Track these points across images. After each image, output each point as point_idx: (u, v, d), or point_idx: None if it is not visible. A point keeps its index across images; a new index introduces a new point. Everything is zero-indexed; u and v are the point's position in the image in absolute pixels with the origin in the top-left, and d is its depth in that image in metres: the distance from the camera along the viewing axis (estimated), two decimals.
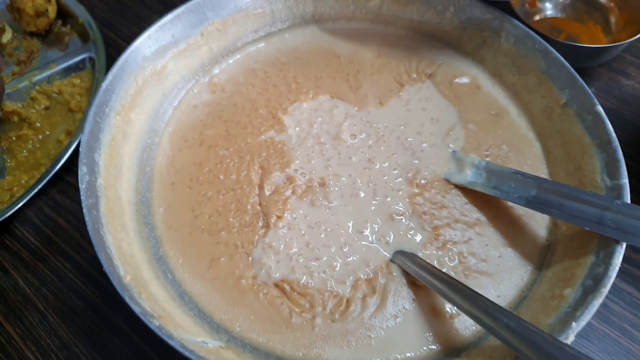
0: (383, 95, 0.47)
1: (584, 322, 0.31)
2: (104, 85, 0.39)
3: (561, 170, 0.41)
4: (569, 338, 0.30)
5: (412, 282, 0.37)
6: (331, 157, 0.43)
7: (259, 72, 0.49)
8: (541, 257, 0.38)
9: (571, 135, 0.40)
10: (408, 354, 0.34)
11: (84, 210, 0.33)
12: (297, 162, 0.43)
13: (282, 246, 0.39)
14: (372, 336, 0.36)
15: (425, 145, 0.44)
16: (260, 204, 0.41)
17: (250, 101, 0.47)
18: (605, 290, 0.31)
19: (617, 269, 0.32)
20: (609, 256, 0.32)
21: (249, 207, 0.41)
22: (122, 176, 0.39)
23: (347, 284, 0.37)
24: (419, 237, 0.39)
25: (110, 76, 0.40)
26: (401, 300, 0.36)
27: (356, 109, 0.47)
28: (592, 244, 0.34)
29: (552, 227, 0.40)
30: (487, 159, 0.42)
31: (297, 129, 0.45)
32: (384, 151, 0.44)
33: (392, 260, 0.38)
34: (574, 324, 0.30)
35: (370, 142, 0.44)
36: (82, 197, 0.34)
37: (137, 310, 0.30)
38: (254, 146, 0.44)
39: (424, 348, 0.35)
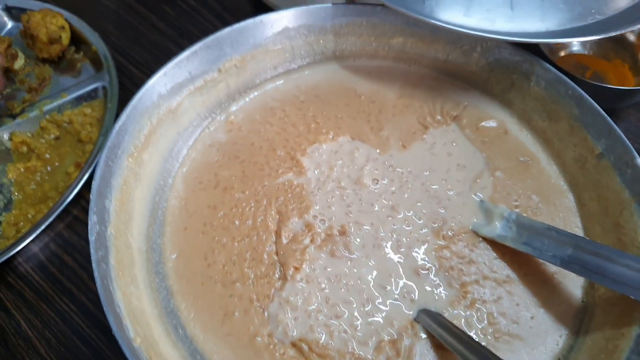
0: (406, 138, 0.45)
1: None
2: (116, 126, 0.37)
3: (597, 226, 0.39)
4: None
5: (439, 345, 0.35)
6: (352, 203, 0.41)
7: (277, 110, 0.48)
8: (578, 320, 0.36)
9: (608, 189, 0.38)
10: None
11: (94, 265, 0.31)
12: (317, 207, 0.41)
13: (300, 301, 0.36)
14: None
15: (451, 193, 0.42)
16: (277, 253, 0.39)
17: (268, 141, 0.45)
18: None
19: None
20: None
21: (265, 257, 0.39)
22: (132, 222, 0.38)
23: (370, 345, 0.35)
24: (445, 295, 0.37)
25: (123, 117, 0.38)
26: None
27: (378, 151, 0.45)
28: (636, 312, 0.32)
29: (589, 287, 0.37)
30: (517, 210, 0.40)
31: (317, 171, 0.43)
32: (408, 198, 0.41)
33: (416, 320, 0.35)
34: None
35: (394, 187, 0.42)
36: (92, 251, 0.32)
37: None
38: (271, 189, 0.42)
39: None
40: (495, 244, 0.39)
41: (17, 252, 0.44)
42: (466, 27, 0.40)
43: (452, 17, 0.42)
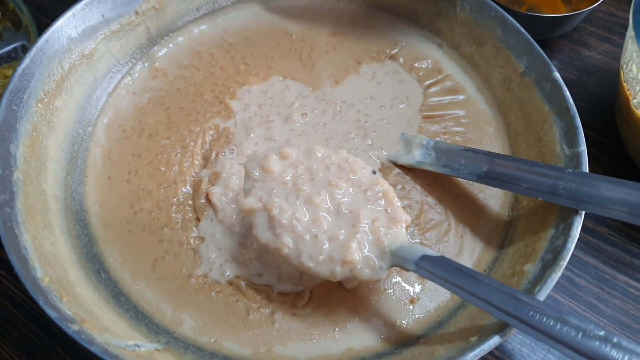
0: (339, 74, 0.44)
1: (542, 298, 0.29)
2: (19, 69, 0.35)
3: (522, 143, 0.39)
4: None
5: None
6: (280, 140, 0.41)
7: (204, 54, 0.46)
8: (503, 234, 0.36)
9: (531, 105, 0.38)
10: (366, 345, 0.32)
11: None
12: (244, 148, 0.40)
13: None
14: (337, 329, 0.33)
15: (380, 124, 0.42)
16: (205, 197, 0.38)
17: (195, 86, 0.44)
18: (564, 263, 0.29)
19: (575, 240, 0.30)
20: (568, 227, 0.31)
21: (191, 201, 0.38)
22: (46, 170, 0.36)
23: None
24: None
25: (27, 59, 0.36)
26: None
27: (310, 89, 0.44)
28: (552, 216, 0.32)
29: (514, 202, 0.38)
30: (445, 137, 0.41)
31: (245, 113, 0.42)
32: (337, 131, 0.41)
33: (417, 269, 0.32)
34: None
35: (325, 120, 0.42)
36: None
37: (52, 315, 0.26)
38: (198, 134, 0.41)
39: (382, 337, 0.32)
40: (423, 174, 0.39)
41: None
42: None
43: None
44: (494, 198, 0.38)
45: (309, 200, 0.32)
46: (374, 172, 0.33)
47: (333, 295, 0.35)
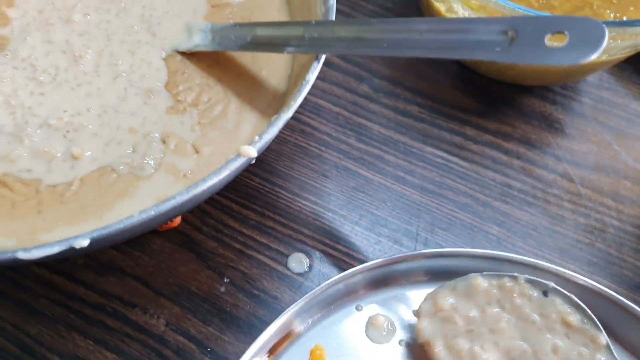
0: None
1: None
2: None
3: (299, 16, 0.40)
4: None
5: None
6: (60, 41, 0.39)
7: None
8: (279, 104, 0.37)
9: None
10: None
11: None
12: (21, 53, 0.38)
13: None
14: (105, 213, 0.33)
15: (166, 16, 0.41)
16: None
17: None
18: (294, 103, 0.30)
19: (310, 83, 0.31)
20: (306, 71, 0.31)
21: None
22: None
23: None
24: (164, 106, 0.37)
25: None
26: None
27: None
28: (304, 72, 0.33)
29: (291, 74, 0.38)
30: (231, 21, 0.40)
31: (23, 20, 0.40)
32: (122, 26, 0.40)
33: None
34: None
35: (109, 17, 0.40)
36: None
37: None
38: None
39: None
40: (202, 57, 0.39)
41: None
42: None
43: None
44: (274, 75, 0.39)
45: None
46: None
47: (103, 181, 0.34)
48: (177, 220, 0.41)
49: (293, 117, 0.32)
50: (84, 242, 0.23)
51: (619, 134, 0.46)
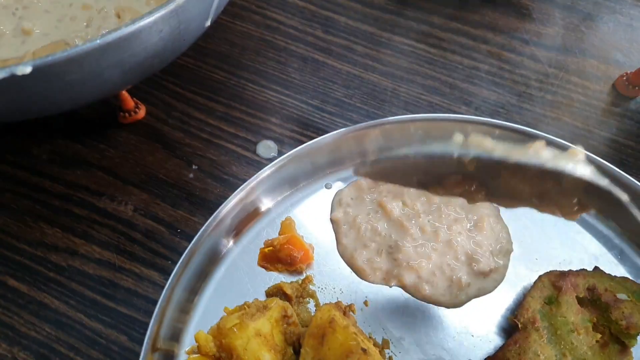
0: None
1: None
2: None
3: None
4: None
5: None
6: None
7: None
8: None
9: None
10: None
11: None
12: None
13: None
14: None
15: None
16: None
17: None
18: None
19: None
20: None
21: None
22: None
23: None
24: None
25: None
26: None
27: None
28: None
29: None
30: None
31: None
32: None
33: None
34: None
35: None
36: None
37: None
38: None
39: None
40: None
41: None
42: None
43: None
44: None
45: None
46: None
47: None
48: (142, 112, 0.40)
49: (258, 13, 0.31)
50: (26, 69, 0.23)
51: (586, 17, 0.46)
